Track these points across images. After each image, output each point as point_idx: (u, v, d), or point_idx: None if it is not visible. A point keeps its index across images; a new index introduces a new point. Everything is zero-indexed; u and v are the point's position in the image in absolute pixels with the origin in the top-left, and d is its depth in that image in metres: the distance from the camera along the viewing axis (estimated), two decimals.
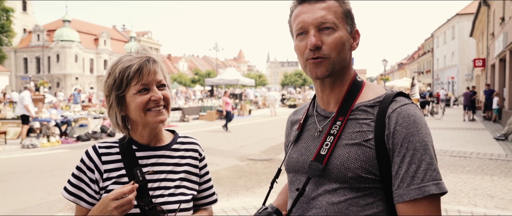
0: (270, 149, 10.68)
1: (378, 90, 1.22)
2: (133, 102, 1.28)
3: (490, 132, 14.01)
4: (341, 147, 1.13)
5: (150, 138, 1.37)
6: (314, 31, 1.15)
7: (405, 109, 1.11)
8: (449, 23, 46.96)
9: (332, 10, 1.16)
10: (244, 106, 25.04)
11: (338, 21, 1.16)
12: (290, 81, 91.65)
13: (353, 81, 1.23)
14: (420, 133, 1.07)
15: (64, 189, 1.35)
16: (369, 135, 1.11)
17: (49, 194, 6.16)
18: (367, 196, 1.10)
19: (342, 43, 1.16)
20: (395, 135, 1.07)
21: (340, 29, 1.16)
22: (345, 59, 1.19)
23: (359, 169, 1.09)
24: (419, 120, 1.09)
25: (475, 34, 30.97)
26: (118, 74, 1.28)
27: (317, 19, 1.14)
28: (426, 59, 60.66)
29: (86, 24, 74.03)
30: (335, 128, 1.17)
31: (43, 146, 11.40)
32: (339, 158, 1.12)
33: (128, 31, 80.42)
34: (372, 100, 1.17)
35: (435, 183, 1.03)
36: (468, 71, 40.97)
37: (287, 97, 39.37)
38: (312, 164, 1.16)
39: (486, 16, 23.09)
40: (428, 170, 1.04)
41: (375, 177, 1.10)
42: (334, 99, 1.23)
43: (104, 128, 13.77)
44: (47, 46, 62.89)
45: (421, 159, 1.05)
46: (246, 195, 6.02)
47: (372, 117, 1.14)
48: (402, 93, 1.19)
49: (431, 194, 1.02)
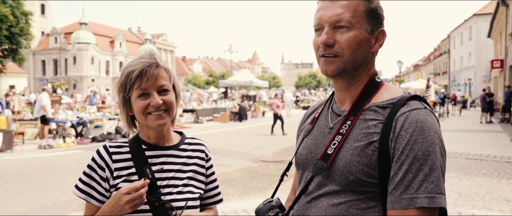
0: (283, 151, 10.67)
1: (394, 92, 1.18)
2: (135, 106, 1.35)
3: (508, 134, 13.72)
4: (346, 148, 1.11)
5: (157, 138, 1.42)
6: (328, 29, 1.13)
7: (415, 113, 1.06)
8: (466, 24, 46.16)
9: (352, 9, 1.13)
10: (258, 108, 25.08)
11: (356, 20, 1.13)
12: (304, 83, 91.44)
13: (370, 81, 1.20)
14: (425, 141, 1.01)
15: (75, 187, 1.39)
16: (375, 137, 1.08)
17: (64, 194, 6.27)
18: (369, 200, 1.09)
19: (356, 43, 1.13)
20: (398, 140, 1.04)
21: (357, 28, 1.13)
22: (359, 59, 1.15)
23: (360, 172, 1.07)
24: (427, 127, 1.03)
25: (493, 35, 30.40)
26: (124, 78, 1.34)
27: (332, 17, 1.13)
28: (442, 60, 59.74)
29: (102, 26, 75.23)
30: (344, 127, 1.15)
31: (59, 146, 11.61)
32: (343, 160, 1.10)
33: (143, 33, 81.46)
34: (385, 101, 1.13)
35: (429, 197, 0.98)
36: (485, 73, 40.20)
37: (301, 99, 39.29)
38: (318, 163, 1.15)
39: (504, 16, 22.63)
40: (425, 181, 0.99)
41: (375, 181, 1.07)
42: (349, 98, 1.21)
43: (118, 129, 13.96)
44: (64, 48, 64.11)
45: (419, 169, 1.00)
46: (258, 197, 6.03)
47: (381, 118, 1.10)
48: (417, 97, 1.14)
49: (422, 207, 0.97)
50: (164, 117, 1.35)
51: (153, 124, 1.34)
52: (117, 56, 70.35)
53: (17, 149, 11.23)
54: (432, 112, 1.12)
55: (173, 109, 1.38)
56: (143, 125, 1.39)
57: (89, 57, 64.27)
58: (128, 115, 1.40)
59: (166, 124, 1.36)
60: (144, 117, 1.34)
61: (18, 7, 28.44)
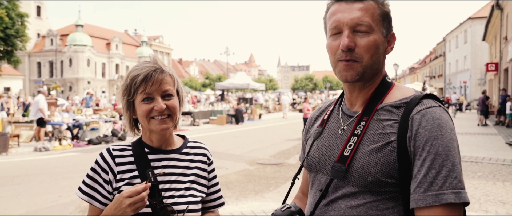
0: (280, 153, 10.68)
1: (406, 91, 1.18)
2: (139, 109, 1.37)
3: (503, 137, 13.80)
4: (363, 150, 1.10)
5: (160, 142, 1.44)
6: (348, 32, 1.11)
7: (431, 111, 1.06)
8: (462, 27, 46.45)
9: (370, 12, 1.12)
10: (255, 111, 25.08)
11: (375, 23, 1.12)
12: (300, 85, 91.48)
13: (381, 81, 1.20)
14: (444, 138, 1.02)
15: (78, 189, 1.41)
16: (392, 137, 1.08)
17: (60, 197, 6.24)
18: (388, 200, 1.08)
19: (375, 47, 1.12)
20: (417, 138, 1.03)
21: (376, 32, 1.12)
22: (377, 62, 1.15)
23: (379, 173, 1.06)
24: (444, 124, 1.04)
25: (488, 38, 30.59)
26: (128, 81, 1.36)
27: (353, 20, 1.11)
28: (438, 63, 60.04)
29: (99, 28, 75.04)
30: (359, 128, 1.14)
31: (55, 149, 11.56)
32: (360, 161, 1.09)
33: (139, 36, 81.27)
34: (399, 101, 1.13)
35: (455, 192, 0.97)
36: (480, 76, 40.43)
37: (298, 102, 39.33)
38: (335, 165, 1.13)
39: (499, 19, 22.80)
40: (449, 177, 0.99)
41: (394, 181, 1.06)
42: (361, 99, 1.21)
43: (115, 132, 13.91)
44: (60, 50, 63.87)
45: (442, 165, 1.00)
46: (255, 199, 6.03)
47: (396, 118, 1.10)
48: (431, 95, 1.13)
49: (449, 203, 0.97)
50: (167, 122, 1.37)
51: (156, 128, 1.36)
52: (113, 59, 70.16)
53: (13, 151, 11.17)
54: (446, 110, 1.12)
55: (176, 114, 1.40)
56: (146, 128, 1.41)
57: (85, 59, 64.05)
58: (132, 118, 1.42)
59: (168, 128, 1.38)
60: (147, 121, 1.36)
61: (14, 8, 28.30)
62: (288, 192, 1.39)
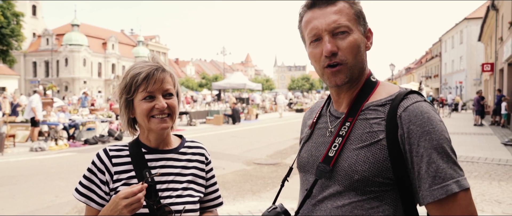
0: (277, 153, 10.69)
1: (391, 89, 1.18)
2: (138, 108, 1.35)
3: (498, 137, 13.88)
4: (350, 149, 1.11)
5: (158, 142, 1.43)
6: (328, 37, 1.12)
7: (418, 106, 1.07)
8: (457, 28, 46.66)
9: (344, 13, 1.13)
10: (251, 111, 25.09)
11: (351, 23, 1.13)
12: (297, 85, 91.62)
13: (366, 81, 1.20)
14: (436, 131, 1.03)
15: (75, 190, 1.40)
16: (380, 135, 1.08)
17: (57, 197, 6.22)
18: (373, 200, 1.08)
19: (357, 46, 1.14)
20: (411, 135, 1.04)
21: (354, 31, 1.13)
22: (362, 61, 1.17)
23: (366, 171, 1.07)
24: (433, 117, 1.05)
25: (483, 39, 30.73)
26: (128, 79, 1.35)
27: (330, 24, 1.11)
28: (434, 63, 60.28)
29: (95, 28, 74.81)
30: (344, 129, 1.15)
31: (51, 149, 11.51)
32: (347, 160, 1.10)
33: (136, 36, 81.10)
34: (384, 99, 1.14)
35: (455, 181, 1.00)
36: (476, 76, 40.63)
37: (294, 102, 39.37)
38: (320, 166, 1.15)
39: (494, 20, 22.91)
40: (447, 168, 1.01)
41: (385, 180, 1.07)
42: (346, 100, 1.22)
43: (111, 132, 13.87)
44: (56, 50, 63.58)
45: (439, 158, 1.02)
46: (252, 199, 6.03)
47: (382, 115, 1.10)
48: (414, 91, 1.15)
49: (454, 193, 0.99)
50: (167, 121, 1.36)
51: (156, 127, 1.35)
52: (109, 58, 69.95)
53: (8, 151, 11.11)
54: (431, 104, 1.13)
55: (175, 113, 1.40)
56: (145, 128, 1.40)
57: (81, 59, 63.81)
58: (130, 117, 1.41)
59: (168, 127, 1.37)
60: (147, 120, 1.35)
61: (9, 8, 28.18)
62: (277, 193, 1.38)
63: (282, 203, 1.26)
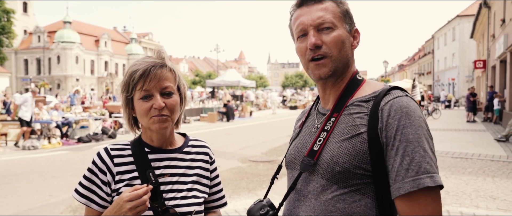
0: (272, 151, 10.68)
1: (375, 86, 1.21)
2: (138, 108, 1.30)
3: (491, 133, 14.00)
4: (333, 142, 1.14)
5: (160, 141, 1.37)
6: (313, 32, 1.17)
7: (398, 101, 1.10)
8: (450, 25, 46.98)
9: (330, 10, 1.18)
10: (245, 108, 25.07)
11: (336, 20, 1.18)
12: (290, 82, 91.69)
13: (352, 79, 1.24)
14: (413, 125, 1.05)
15: (75, 191, 1.34)
16: (362, 128, 1.11)
17: (50, 196, 6.16)
18: (355, 193, 1.09)
19: (341, 41, 1.18)
20: (388, 128, 1.06)
21: (339, 28, 1.18)
22: (346, 57, 1.20)
23: (347, 163, 1.09)
24: (412, 112, 1.07)
25: (475, 36, 30.97)
26: (127, 77, 1.30)
27: (315, 20, 1.17)
28: (426, 60, 60.66)
29: (87, 25, 74.20)
30: (329, 124, 1.18)
31: (44, 147, 11.41)
32: (329, 153, 1.13)
33: (129, 33, 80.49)
34: (368, 95, 1.17)
35: (430, 176, 1.00)
36: (468, 73, 40.97)
37: (288, 99, 39.39)
38: (305, 159, 1.18)
39: (486, 17, 23.08)
40: (422, 162, 1.01)
41: (365, 172, 1.08)
42: (332, 97, 1.25)
43: (105, 130, 13.78)
44: (48, 47, 62.98)
45: (415, 151, 1.02)
46: (248, 197, 6.02)
47: (366, 110, 1.14)
48: (397, 87, 1.18)
49: (427, 187, 0.99)
50: (166, 121, 1.29)
51: (155, 127, 1.29)
52: (102, 56, 69.44)
53: (0, 150, 10.98)
54: (413, 99, 1.15)
55: (176, 112, 1.33)
56: (146, 127, 1.34)
57: (74, 56, 63.23)
58: (131, 115, 1.36)
59: (167, 128, 1.31)
60: (146, 120, 1.29)
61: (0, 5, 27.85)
62: (267, 191, 1.38)
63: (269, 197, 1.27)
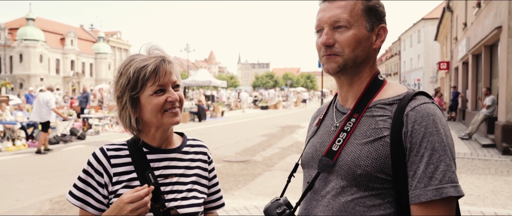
0: (245, 150, 10.69)
1: (399, 89, 1.19)
2: (149, 104, 1.25)
3: (455, 131, 14.57)
4: (354, 144, 1.12)
5: (162, 140, 1.35)
6: (327, 30, 1.17)
7: (425, 107, 1.08)
8: (415, 27, 48.55)
9: (349, 8, 1.15)
10: (217, 108, 24.96)
11: (354, 19, 1.15)
12: (261, 83, 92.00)
13: (374, 79, 1.22)
14: (440, 133, 1.04)
15: (69, 194, 1.29)
16: (385, 132, 1.09)
17: (18, 201, 5.91)
18: (375, 197, 1.08)
19: (355, 41, 1.15)
20: (414, 134, 1.05)
21: (355, 27, 1.15)
22: (360, 56, 1.17)
23: (369, 166, 1.07)
24: (438, 120, 1.06)
25: (439, 38, 32.12)
26: (132, 74, 1.24)
27: (330, 18, 1.16)
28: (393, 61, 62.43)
29: (52, 23, 71.71)
30: (349, 125, 1.16)
31: (7, 149, 10.94)
32: (351, 155, 1.11)
33: (96, 31, 78.34)
34: (391, 98, 1.15)
35: (453, 186, 1.00)
36: (433, 74, 42.45)
37: (259, 99, 39.49)
38: (323, 159, 1.16)
39: (449, 21, 24.00)
40: (447, 171, 1.01)
41: (386, 177, 1.07)
42: (352, 96, 1.23)
43: (73, 130, 13.36)
44: (9, 45, 60.38)
45: (440, 160, 1.02)
46: (224, 197, 5.97)
47: (389, 114, 1.12)
48: (423, 93, 1.16)
49: (449, 197, 0.99)
50: (178, 114, 1.29)
51: (170, 121, 1.27)
52: (68, 55, 67.27)
53: None
54: (439, 106, 1.14)
55: (183, 106, 1.33)
56: (155, 124, 1.29)
57: (37, 55, 60.89)
58: (134, 117, 1.29)
59: (180, 121, 1.30)
60: (160, 115, 1.26)
61: None
62: (283, 190, 1.38)
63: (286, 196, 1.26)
